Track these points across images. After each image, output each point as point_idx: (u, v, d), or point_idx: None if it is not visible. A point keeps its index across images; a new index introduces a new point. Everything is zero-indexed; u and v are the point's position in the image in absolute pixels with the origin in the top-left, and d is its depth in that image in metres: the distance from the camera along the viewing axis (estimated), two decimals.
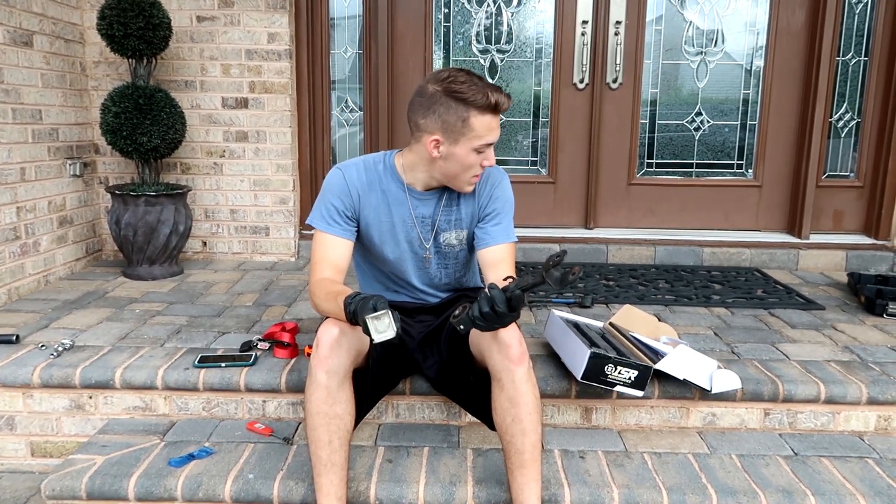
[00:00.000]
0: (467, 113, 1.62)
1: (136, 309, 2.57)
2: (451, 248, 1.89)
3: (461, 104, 1.62)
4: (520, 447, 1.58)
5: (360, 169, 1.82)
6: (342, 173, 1.81)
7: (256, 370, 2.02)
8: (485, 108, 1.62)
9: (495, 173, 1.86)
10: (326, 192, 1.81)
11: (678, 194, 3.56)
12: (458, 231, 1.87)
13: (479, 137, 1.65)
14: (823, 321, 2.57)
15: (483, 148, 1.67)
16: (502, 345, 1.57)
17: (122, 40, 2.77)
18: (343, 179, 1.80)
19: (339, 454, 1.58)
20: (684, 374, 1.91)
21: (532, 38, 3.46)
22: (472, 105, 1.61)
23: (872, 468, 1.83)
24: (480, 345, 1.63)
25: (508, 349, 1.57)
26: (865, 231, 3.51)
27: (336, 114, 3.54)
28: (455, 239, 1.88)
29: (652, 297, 2.82)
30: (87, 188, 3.23)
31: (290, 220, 3.37)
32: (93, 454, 1.84)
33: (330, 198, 1.79)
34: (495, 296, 1.42)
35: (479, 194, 1.84)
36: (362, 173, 1.81)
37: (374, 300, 1.43)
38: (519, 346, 1.57)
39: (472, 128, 1.63)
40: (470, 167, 1.70)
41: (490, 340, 1.59)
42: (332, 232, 1.78)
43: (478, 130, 1.64)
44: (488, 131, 1.65)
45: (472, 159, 1.69)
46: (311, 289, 1.74)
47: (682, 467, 1.82)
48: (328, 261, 1.76)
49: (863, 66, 3.40)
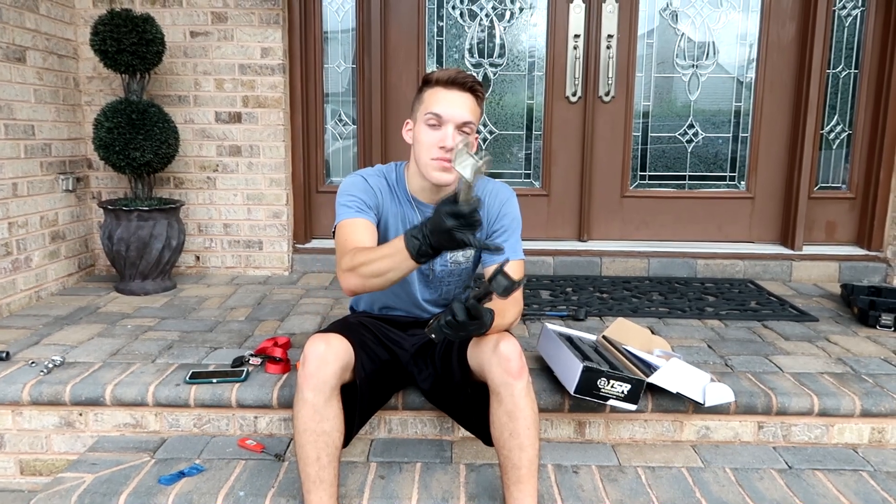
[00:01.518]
0: (423, 89, 1.73)
1: (127, 324, 2.56)
2: (458, 265, 1.88)
3: (422, 85, 1.73)
4: (517, 462, 1.57)
5: (378, 176, 1.82)
6: (363, 177, 1.80)
7: (248, 386, 2.01)
8: (435, 81, 1.69)
9: (503, 191, 1.85)
10: (350, 189, 1.76)
11: (671, 206, 3.57)
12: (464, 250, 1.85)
13: (426, 108, 1.69)
14: (817, 333, 2.57)
15: (433, 120, 1.67)
16: (502, 358, 1.56)
17: (115, 56, 2.77)
18: (365, 181, 1.79)
19: (327, 471, 1.57)
20: (677, 387, 1.91)
21: (525, 52, 3.48)
22: (428, 81, 1.71)
23: (867, 481, 1.82)
24: (480, 358, 1.62)
25: (508, 363, 1.55)
26: (858, 242, 3.53)
27: (330, 128, 3.55)
28: (462, 256, 1.87)
29: (645, 310, 2.82)
30: (80, 203, 3.23)
31: (284, 233, 3.36)
32: (82, 472, 1.83)
33: (355, 192, 1.75)
34: (455, 306, 1.43)
35: (488, 210, 1.81)
36: (381, 179, 1.82)
37: (438, 205, 1.35)
38: (518, 359, 1.56)
39: (422, 100, 1.71)
40: (428, 146, 1.69)
41: (489, 354, 1.58)
42: (361, 216, 1.72)
43: (426, 102, 1.70)
44: (436, 101, 1.68)
45: (426, 136, 1.69)
46: (348, 259, 1.57)
47: (675, 481, 1.81)
48: (357, 238, 1.67)
49: (853, 79, 3.42)
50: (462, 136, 1.65)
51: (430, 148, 1.69)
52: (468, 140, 1.42)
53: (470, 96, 1.69)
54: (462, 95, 1.68)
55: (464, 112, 1.67)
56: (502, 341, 1.58)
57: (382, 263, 1.48)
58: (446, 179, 1.71)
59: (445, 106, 1.67)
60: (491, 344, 1.59)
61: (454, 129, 1.67)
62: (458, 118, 1.67)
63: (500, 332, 1.63)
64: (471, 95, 1.70)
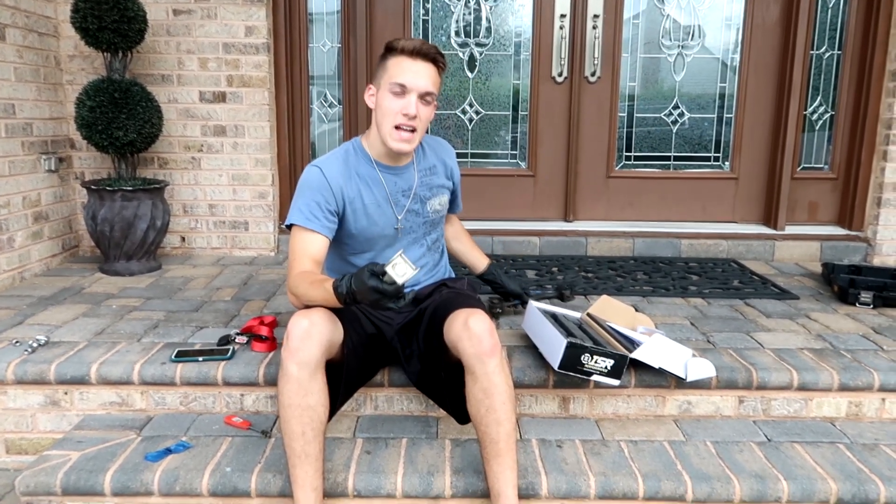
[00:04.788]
0: (387, 57, 1.77)
1: (112, 304, 2.55)
2: (437, 214, 1.97)
3: (386, 51, 1.78)
4: (494, 437, 1.59)
5: (335, 162, 1.83)
6: (319, 169, 1.81)
7: (234, 364, 2.01)
8: (399, 50, 1.74)
9: (447, 145, 2.04)
10: (305, 188, 1.80)
11: (656, 187, 3.60)
12: (440, 196, 1.96)
13: (390, 77, 1.74)
14: (797, 310, 2.61)
15: (396, 88, 1.72)
16: (473, 337, 1.58)
17: (96, 33, 2.73)
18: (321, 175, 1.80)
19: (312, 445, 1.58)
20: (659, 362, 1.93)
21: (511, 32, 3.47)
22: (391, 49, 1.76)
23: (843, 453, 1.87)
24: (451, 335, 1.64)
25: (480, 343, 1.58)
26: (839, 222, 3.57)
27: (316, 108, 3.52)
28: (439, 204, 1.97)
29: (630, 289, 2.85)
30: (63, 184, 3.20)
31: (270, 214, 3.35)
32: (68, 450, 1.83)
33: (309, 194, 1.78)
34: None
35: (443, 161, 1.99)
36: (338, 165, 1.82)
37: (369, 267, 1.47)
38: (490, 337, 1.59)
39: (386, 68, 1.76)
40: (390, 113, 1.75)
41: (460, 330, 1.60)
42: (311, 227, 1.77)
43: (390, 70, 1.74)
44: (401, 72, 1.73)
45: (389, 103, 1.74)
46: (292, 282, 1.72)
47: (657, 454, 1.84)
48: (308, 255, 1.76)
49: (836, 60, 3.45)
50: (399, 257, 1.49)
51: (393, 115, 1.75)
52: (402, 256, 1.47)
53: (433, 67, 1.76)
54: (426, 66, 1.74)
55: (427, 83, 1.75)
56: (471, 318, 1.60)
57: (317, 298, 1.63)
58: (405, 148, 1.80)
59: (410, 76, 1.73)
60: (461, 321, 1.61)
61: (417, 99, 1.74)
62: (422, 88, 1.74)
63: (469, 309, 1.66)
64: (433, 66, 1.76)
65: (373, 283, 1.44)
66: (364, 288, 1.45)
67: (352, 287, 1.49)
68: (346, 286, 1.51)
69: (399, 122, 1.74)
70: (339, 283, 1.53)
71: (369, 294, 1.45)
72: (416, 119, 1.74)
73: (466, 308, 1.67)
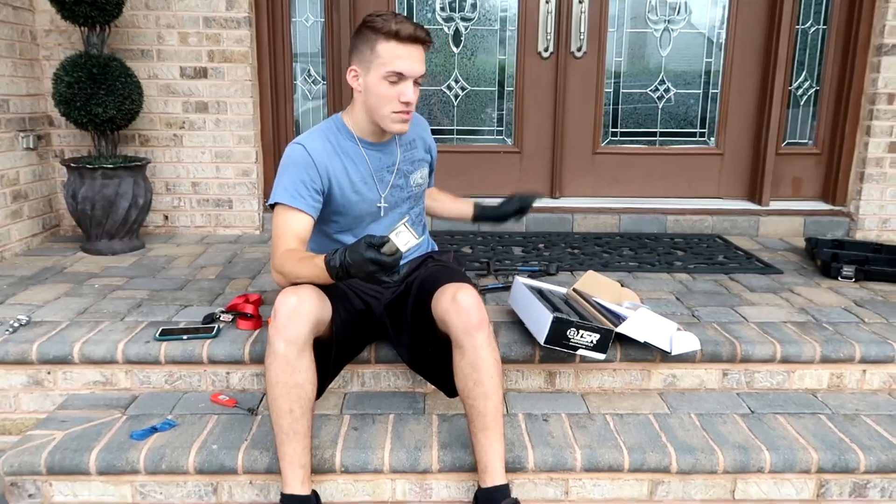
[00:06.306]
0: (375, 40, 1.68)
1: (95, 284, 2.52)
2: (419, 188, 1.97)
3: (371, 31, 1.69)
4: (482, 410, 1.60)
5: (318, 138, 1.80)
6: (303, 147, 1.76)
7: (219, 342, 2.00)
8: (389, 34, 1.66)
9: (423, 120, 2.03)
10: (289, 166, 1.76)
11: (642, 163, 3.59)
12: (421, 170, 1.96)
13: (384, 65, 1.68)
14: (781, 285, 2.64)
15: (393, 77, 1.68)
16: (461, 311, 1.58)
17: (72, 7, 2.67)
18: (305, 152, 1.75)
19: (300, 423, 1.58)
20: (645, 336, 1.95)
21: (496, 7, 3.42)
22: (380, 32, 1.67)
23: (825, 423, 1.89)
24: (439, 309, 1.64)
25: (468, 316, 1.58)
26: (823, 197, 3.59)
27: (300, 84, 3.48)
28: (420, 178, 1.97)
29: (616, 265, 2.86)
30: (42, 162, 3.14)
31: (254, 192, 3.32)
32: (52, 430, 1.82)
33: (295, 172, 1.74)
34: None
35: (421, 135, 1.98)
36: (322, 142, 1.79)
37: (365, 239, 1.45)
38: (478, 311, 1.59)
39: (378, 54, 1.68)
40: (386, 100, 1.71)
41: (448, 304, 1.60)
42: (296, 206, 1.73)
43: (384, 57, 1.67)
44: (395, 59, 1.67)
45: (384, 90, 1.70)
46: (278, 261, 1.69)
47: (642, 427, 1.86)
48: (293, 234, 1.73)
49: (821, 35, 3.44)
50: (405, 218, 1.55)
51: (390, 101, 1.71)
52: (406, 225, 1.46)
53: (423, 48, 1.73)
54: (418, 49, 1.71)
55: (421, 67, 1.72)
56: (459, 292, 1.60)
57: (305, 275, 1.61)
58: (405, 130, 1.79)
59: (407, 64, 1.68)
60: (449, 295, 1.61)
61: (412, 84, 1.71)
62: (417, 74, 1.71)
63: (457, 283, 1.65)
64: (423, 47, 1.73)
65: (370, 254, 1.42)
66: (360, 259, 1.43)
67: (346, 259, 1.47)
68: (339, 259, 1.49)
69: (398, 109, 1.72)
70: (331, 256, 1.51)
71: (366, 265, 1.43)
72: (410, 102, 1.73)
73: (454, 282, 1.66)
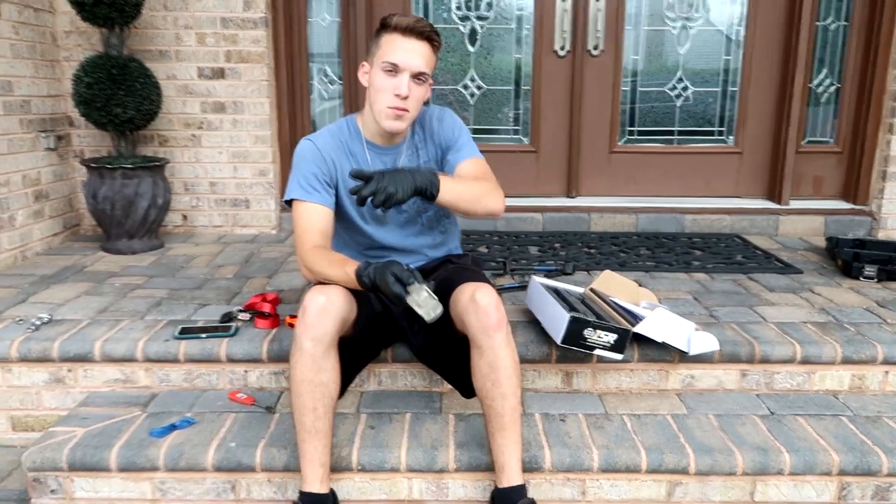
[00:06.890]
0: (381, 34, 1.72)
1: (115, 283, 2.55)
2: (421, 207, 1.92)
3: (380, 27, 1.72)
4: (500, 410, 1.60)
5: (328, 136, 1.82)
6: (311, 142, 1.80)
7: (237, 341, 2.02)
8: (390, 26, 1.69)
9: (437, 109, 1.91)
10: (300, 162, 1.79)
11: (660, 162, 3.57)
12: None
13: (383, 55, 1.69)
14: (801, 284, 2.60)
15: (389, 67, 1.68)
16: (480, 311, 1.57)
17: (92, 8, 2.70)
18: (314, 146, 1.80)
19: (323, 421, 1.59)
20: (663, 336, 1.93)
21: (513, 6, 3.42)
22: (386, 25, 1.70)
23: (846, 425, 1.87)
24: (457, 308, 1.64)
25: (487, 316, 1.57)
26: (844, 196, 3.54)
27: (316, 84, 3.49)
28: None
29: (633, 264, 2.84)
30: (63, 162, 3.18)
31: (271, 192, 3.34)
32: (73, 426, 1.84)
33: (305, 166, 1.77)
34: None
35: (432, 132, 1.88)
36: (330, 139, 1.82)
37: (393, 270, 1.46)
38: (496, 311, 1.58)
39: (379, 45, 1.71)
40: (382, 91, 1.71)
41: (467, 303, 1.60)
42: (313, 199, 1.75)
43: (383, 48, 1.70)
44: (393, 50, 1.68)
45: (381, 82, 1.70)
46: (308, 258, 1.70)
47: (660, 428, 1.84)
48: (315, 229, 1.74)
49: (842, 31, 3.39)
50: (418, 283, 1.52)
51: (385, 94, 1.71)
52: (426, 287, 1.49)
53: (427, 45, 1.71)
54: (419, 44, 1.69)
55: (420, 62, 1.70)
56: (478, 291, 1.59)
57: (336, 279, 1.62)
58: (398, 127, 1.75)
59: (402, 55, 1.68)
60: (467, 294, 1.61)
61: (409, 79, 1.69)
62: (415, 67, 1.69)
63: (476, 282, 1.65)
64: (427, 44, 1.71)
65: (396, 289, 1.46)
66: (387, 290, 1.47)
67: (375, 281, 1.50)
68: (369, 279, 1.50)
69: (391, 103, 1.70)
70: (363, 272, 1.52)
71: (390, 293, 1.47)
72: (407, 99, 1.70)
73: (473, 282, 1.66)
